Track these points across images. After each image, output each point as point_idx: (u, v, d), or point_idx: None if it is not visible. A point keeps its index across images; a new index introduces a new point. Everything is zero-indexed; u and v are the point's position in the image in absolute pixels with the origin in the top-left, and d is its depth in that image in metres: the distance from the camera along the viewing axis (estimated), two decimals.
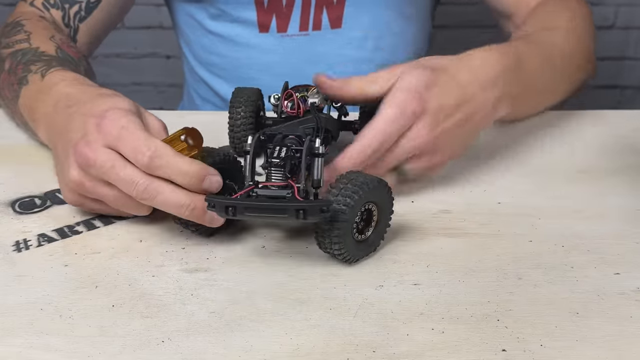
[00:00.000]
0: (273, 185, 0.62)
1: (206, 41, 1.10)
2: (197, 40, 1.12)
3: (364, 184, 0.62)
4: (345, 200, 0.61)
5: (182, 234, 0.69)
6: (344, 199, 0.61)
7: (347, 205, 0.61)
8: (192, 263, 0.65)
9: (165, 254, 0.66)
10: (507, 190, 0.77)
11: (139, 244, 0.68)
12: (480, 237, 0.69)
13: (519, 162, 0.84)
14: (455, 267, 0.65)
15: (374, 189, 0.63)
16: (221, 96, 1.12)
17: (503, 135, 0.90)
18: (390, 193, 0.65)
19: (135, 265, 0.65)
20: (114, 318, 0.58)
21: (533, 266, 0.65)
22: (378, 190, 0.63)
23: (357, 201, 0.62)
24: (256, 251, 0.67)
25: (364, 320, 0.58)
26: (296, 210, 0.58)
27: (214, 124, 0.92)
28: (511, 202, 0.75)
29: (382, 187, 0.64)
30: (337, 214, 0.61)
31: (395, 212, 0.70)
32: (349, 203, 0.61)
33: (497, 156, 0.85)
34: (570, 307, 0.60)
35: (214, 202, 0.60)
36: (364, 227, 0.64)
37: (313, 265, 0.65)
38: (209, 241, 0.68)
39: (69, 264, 0.65)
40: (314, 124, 0.70)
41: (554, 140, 0.89)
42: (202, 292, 0.61)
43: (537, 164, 0.83)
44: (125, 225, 0.70)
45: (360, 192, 0.62)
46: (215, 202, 0.60)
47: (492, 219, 0.72)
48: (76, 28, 0.98)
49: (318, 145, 0.64)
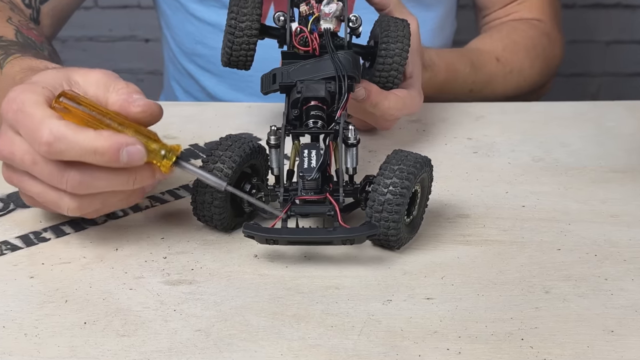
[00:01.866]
0: (310, 198, 0.64)
1: (191, 28, 1.10)
2: (181, 26, 1.11)
3: (416, 163, 0.66)
4: (403, 183, 0.64)
5: (163, 241, 0.69)
6: (401, 182, 0.64)
7: (405, 187, 0.64)
8: (175, 274, 0.65)
9: (144, 264, 0.66)
10: (532, 191, 0.77)
11: (114, 252, 0.68)
12: (502, 245, 0.69)
13: (546, 159, 0.84)
14: (473, 279, 0.65)
15: (422, 168, 0.66)
16: (208, 92, 1.12)
17: (526, 129, 0.90)
18: (432, 169, 0.69)
19: (110, 277, 0.65)
20: (86, 337, 0.58)
21: (562, 278, 0.65)
22: (426, 168, 0.67)
23: (412, 182, 0.65)
24: (247, 261, 0.67)
25: (370, 339, 0.58)
26: (343, 240, 0.63)
27: (197, 117, 0.92)
28: (537, 205, 0.75)
29: (429, 165, 0.68)
30: (394, 199, 0.64)
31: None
32: (407, 186, 0.64)
33: (520, 153, 0.85)
34: (604, 325, 0.60)
35: (253, 234, 0.63)
36: (410, 208, 0.67)
37: (312, 277, 0.65)
38: (194, 250, 0.68)
39: (35, 275, 0.65)
40: (334, 70, 0.70)
41: (585, 134, 0.89)
42: (186, 308, 0.61)
43: (566, 161, 0.83)
44: (99, 232, 0.70)
45: (415, 171, 0.65)
46: (255, 234, 0.63)
47: (515, 225, 0.72)
48: (38, 9, 0.98)
49: (351, 135, 0.66)
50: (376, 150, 0.84)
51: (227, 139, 0.68)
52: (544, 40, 1.11)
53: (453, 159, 0.84)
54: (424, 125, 0.91)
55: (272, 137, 0.67)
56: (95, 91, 0.65)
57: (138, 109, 0.64)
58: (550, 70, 1.13)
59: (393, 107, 0.77)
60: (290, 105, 0.69)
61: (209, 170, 0.66)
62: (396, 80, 0.77)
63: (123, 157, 0.61)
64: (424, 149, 0.84)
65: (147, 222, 0.71)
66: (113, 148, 0.61)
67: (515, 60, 1.07)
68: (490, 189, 0.78)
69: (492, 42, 1.07)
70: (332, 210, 0.64)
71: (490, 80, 1.04)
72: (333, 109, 0.68)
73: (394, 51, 0.76)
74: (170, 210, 0.74)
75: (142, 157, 0.62)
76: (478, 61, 1.03)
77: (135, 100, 0.64)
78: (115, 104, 0.64)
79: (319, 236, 0.64)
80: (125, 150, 0.61)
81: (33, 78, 0.66)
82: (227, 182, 0.64)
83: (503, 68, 1.06)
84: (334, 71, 0.70)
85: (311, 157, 0.65)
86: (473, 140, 0.87)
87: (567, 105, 0.96)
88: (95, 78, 0.66)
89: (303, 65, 0.71)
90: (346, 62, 0.70)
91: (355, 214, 0.70)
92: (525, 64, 1.08)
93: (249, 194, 0.68)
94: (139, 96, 0.64)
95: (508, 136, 0.88)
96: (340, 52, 0.71)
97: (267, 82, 0.72)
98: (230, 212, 0.68)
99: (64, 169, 0.62)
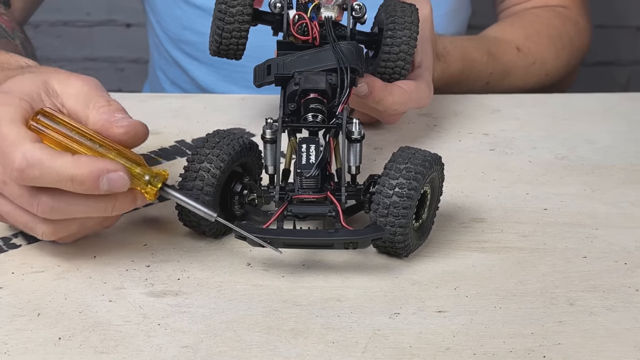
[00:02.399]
0: (308, 197, 0.64)
1: (179, 12, 1.10)
2: (168, 10, 1.11)
3: (425, 162, 0.65)
4: (410, 184, 0.64)
5: (146, 248, 0.69)
6: (408, 182, 0.64)
7: (413, 189, 0.64)
8: (159, 285, 0.65)
9: (125, 274, 0.66)
10: (555, 193, 0.77)
11: (92, 260, 0.67)
12: (522, 253, 0.69)
13: (570, 157, 0.84)
14: (490, 290, 0.65)
15: (432, 167, 0.66)
16: (197, 82, 1.12)
17: (548, 124, 0.90)
18: (443, 168, 0.69)
19: (88, 288, 0.64)
20: (60, 354, 0.58)
21: (588, 289, 0.65)
22: (436, 166, 0.67)
23: (420, 182, 0.64)
24: (240, 269, 0.66)
25: (376, 356, 0.58)
26: (345, 244, 0.63)
27: (184, 111, 0.91)
28: (560, 208, 0.75)
29: (439, 163, 0.67)
30: (401, 202, 0.63)
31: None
32: (415, 187, 0.64)
33: (541, 150, 0.85)
34: (635, 341, 0.60)
35: (245, 235, 0.62)
36: (419, 211, 0.67)
37: (311, 288, 0.64)
38: (180, 257, 0.68)
39: (4, 285, 0.65)
40: (335, 61, 0.70)
41: (613, 129, 0.89)
42: (171, 322, 0.61)
43: (592, 160, 0.83)
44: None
45: (424, 171, 0.65)
46: (247, 235, 0.62)
47: (536, 230, 0.72)
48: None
49: (355, 130, 0.66)
50: (382, 148, 0.84)
51: (214, 135, 0.68)
52: (570, 30, 1.11)
53: (467, 156, 0.84)
54: (435, 119, 0.90)
55: (268, 131, 0.67)
56: (74, 105, 0.65)
57: (121, 130, 0.63)
58: (576, 62, 1.13)
59: (398, 102, 0.77)
60: (286, 99, 0.69)
61: (196, 197, 0.66)
62: (403, 71, 0.77)
63: (103, 185, 0.61)
64: (435, 146, 0.84)
65: (129, 227, 0.71)
66: (93, 175, 0.60)
67: (538, 51, 1.07)
68: (508, 190, 0.78)
69: (513, 31, 1.07)
70: (334, 211, 0.64)
71: (509, 71, 1.04)
72: (334, 104, 0.68)
73: (400, 39, 0.76)
74: (154, 213, 0.73)
75: (124, 184, 0.62)
76: (497, 50, 1.03)
77: (117, 121, 0.63)
78: (96, 124, 0.64)
79: (319, 238, 0.63)
80: (106, 177, 0.61)
81: (8, 84, 0.66)
82: (217, 214, 0.64)
83: (525, 59, 1.05)
84: (335, 62, 0.69)
85: (310, 153, 0.65)
86: (490, 136, 0.87)
87: (594, 97, 0.96)
88: (76, 89, 0.66)
89: (301, 56, 0.71)
90: (349, 53, 0.70)
91: (358, 218, 0.70)
92: (550, 55, 1.08)
93: (240, 194, 0.68)
94: (121, 115, 0.64)
95: (528, 131, 0.88)
96: (342, 43, 0.71)
97: (260, 73, 0.72)
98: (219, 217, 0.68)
99: (36, 194, 0.62)
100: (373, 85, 0.75)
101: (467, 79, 0.99)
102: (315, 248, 0.66)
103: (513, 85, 1.04)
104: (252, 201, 0.69)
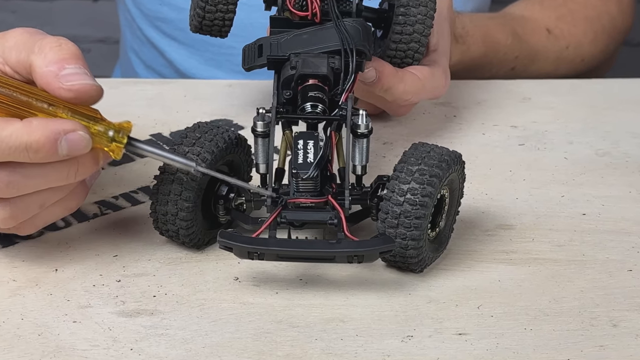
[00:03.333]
0: (306, 202, 0.64)
1: None
2: None
3: (442, 162, 0.65)
4: (424, 189, 0.64)
5: (116, 260, 0.69)
6: (422, 187, 0.64)
7: (427, 195, 0.63)
8: (132, 302, 0.65)
9: (92, 290, 0.66)
10: (596, 195, 0.78)
11: (52, 274, 0.68)
12: (557, 265, 0.69)
13: (612, 154, 0.84)
14: (519, 309, 0.65)
15: (450, 167, 0.66)
16: (175, 66, 1.12)
17: (587, 114, 0.90)
18: (463, 167, 0.69)
19: (48, 306, 0.64)
20: None
21: (634, 307, 0.65)
22: (455, 166, 0.67)
23: (436, 187, 0.64)
24: (226, 285, 0.67)
25: None
26: (349, 257, 0.63)
27: (161, 99, 0.92)
28: (601, 213, 0.75)
29: (459, 162, 0.67)
30: (413, 210, 0.63)
31: None
32: (429, 192, 0.63)
33: (579, 145, 0.85)
34: None
35: (231, 245, 0.62)
36: (435, 219, 0.67)
37: (310, 306, 0.65)
38: (156, 271, 0.68)
39: None
40: (339, 42, 0.70)
41: None
42: (146, 346, 0.61)
43: (638, 156, 0.83)
44: (34, 247, 0.70)
45: (440, 173, 0.64)
46: (234, 245, 0.62)
47: (573, 238, 0.72)
48: None
49: (362, 123, 0.66)
50: (392, 142, 0.84)
51: (194, 129, 0.68)
52: (612, 8, 1.11)
53: (493, 152, 0.84)
54: (455, 109, 0.91)
55: (260, 123, 0.67)
56: (17, 57, 0.65)
57: (70, 95, 0.62)
58: (617, 45, 1.13)
59: (410, 92, 0.77)
60: (281, 85, 0.69)
61: (173, 149, 0.65)
62: (417, 54, 0.77)
63: (62, 149, 0.61)
64: (455, 140, 0.85)
65: (96, 235, 0.71)
66: (49, 140, 0.61)
67: (572, 34, 1.07)
68: (541, 191, 0.78)
69: (543, 10, 1.07)
70: (336, 218, 0.64)
71: (537, 55, 1.04)
72: (336, 92, 0.68)
73: (415, 17, 0.76)
74: (125, 219, 0.74)
75: (86, 144, 0.62)
76: (523, 31, 1.03)
77: (65, 78, 0.62)
78: (42, 78, 0.63)
79: (318, 250, 0.63)
80: (64, 139, 0.61)
81: None
82: (195, 162, 0.64)
83: (556, 42, 1.06)
84: (338, 43, 0.69)
85: (308, 150, 0.65)
86: (519, 129, 0.88)
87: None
88: (14, 40, 0.65)
89: (299, 35, 0.71)
90: (355, 32, 0.70)
91: (365, 226, 0.70)
92: (586, 38, 1.08)
93: (226, 198, 0.68)
94: (71, 69, 0.63)
95: (564, 123, 0.88)
96: (347, 20, 0.71)
97: (250, 55, 0.72)
98: (201, 225, 0.68)
99: None
100: (382, 70, 0.75)
101: (490, 64, 0.99)
102: (313, 261, 0.67)
103: (542, 72, 1.04)
104: (240, 206, 0.69)
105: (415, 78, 0.77)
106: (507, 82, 0.96)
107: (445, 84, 0.81)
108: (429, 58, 0.80)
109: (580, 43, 1.07)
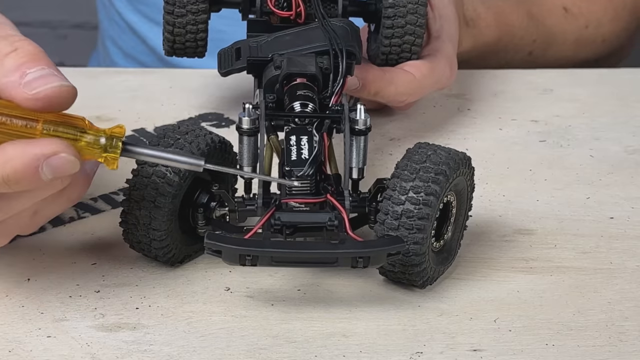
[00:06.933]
0: (302, 202, 0.63)
1: None
2: None
3: (449, 160, 0.64)
4: (429, 188, 0.63)
5: (95, 268, 0.69)
6: (426, 185, 0.63)
7: (431, 194, 0.63)
8: (112, 315, 0.65)
9: (68, 301, 0.66)
10: (625, 197, 0.78)
11: (25, 284, 0.68)
12: (582, 274, 0.69)
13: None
14: (540, 323, 0.65)
15: (458, 168, 0.65)
16: (159, 54, 1.12)
17: (615, 108, 0.90)
18: (473, 173, 0.68)
19: (20, 319, 0.64)
20: None
21: None
22: (463, 169, 0.66)
23: (442, 185, 0.64)
24: (216, 296, 0.67)
25: None
26: (353, 259, 0.61)
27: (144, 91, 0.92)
28: (631, 216, 0.75)
29: (467, 165, 0.67)
30: (416, 210, 0.63)
31: None
32: (434, 191, 0.63)
33: (606, 142, 0.85)
34: None
35: (219, 247, 0.61)
36: (440, 228, 0.66)
37: (309, 319, 0.65)
38: (139, 280, 0.68)
39: None
40: (326, 42, 0.70)
41: None
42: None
43: None
44: (4, 254, 0.70)
45: (447, 171, 0.64)
46: (223, 247, 0.61)
47: (600, 245, 0.72)
48: None
49: (359, 118, 0.65)
50: (399, 138, 0.84)
51: (174, 129, 0.67)
52: None
53: (511, 150, 0.84)
54: (469, 101, 0.91)
55: (245, 120, 0.66)
56: None
57: (39, 104, 0.59)
58: (639, 24, 1.13)
59: (403, 92, 0.77)
60: (263, 89, 0.68)
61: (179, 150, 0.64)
62: (414, 47, 0.77)
63: (45, 174, 0.59)
64: (469, 136, 0.85)
65: (73, 241, 0.71)
66: (29, 168, 0.58)
67: (591, 11, 1.07)
68: (564, 193, 0.78)
69: None
70: (336, 218, 0.63)
71: (555, 38, 1.04)
72: (325, 95, 0.67)
73: (405, 7, 0.75)
74: (104, 223, 0.74)
75: (72, 165, 0.59)
76: (539, 11, 1.03)
77: (30, 87, 0.59)
78: (3, 93, 0.60)
79: (318, 252, 0.62)
80: (45, 164, 0.59)
81: None
82: (204, 160, 0.62)
83: (574, 22, 1.06)
84: (325, 44, 0.69)
85: (302, 146, 0.64)
86: (539, 124, 0.88)
87: None
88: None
89: (281, 37, 0.71)
90: (343, 32, 0.70)
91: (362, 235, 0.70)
92: (606, 16, 1.08)
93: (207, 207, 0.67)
94: (34, 74, 0.60)
95: (589, 117, 0.88)
96: (333, 20, 0.71)
97: (227, 59, 0.72)
98: (178, 238, 0.67)
99: None
100: (365, 77, 0.74)
101: (506, 49, 0.99)
102: (313, 265, 0.66)
103: (561, 56, 1.04)
104: (223, 217, 0.68)
105: (409, 78, 0.76)
106: (527, 72, 0.96)
107: (451, 74, 0.81)
108: (431, 46, 0.80)
109: (600, 21, 1.07)
